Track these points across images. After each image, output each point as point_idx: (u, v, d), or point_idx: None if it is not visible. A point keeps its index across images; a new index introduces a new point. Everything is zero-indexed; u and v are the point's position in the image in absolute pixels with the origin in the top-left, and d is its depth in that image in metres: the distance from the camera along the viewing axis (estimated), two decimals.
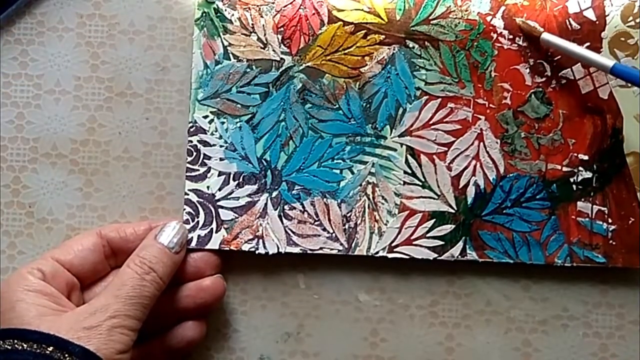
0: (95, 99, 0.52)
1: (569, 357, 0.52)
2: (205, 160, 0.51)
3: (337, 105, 0.51)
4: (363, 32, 0.51)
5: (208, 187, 0.51)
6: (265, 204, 0.51)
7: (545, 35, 0.50)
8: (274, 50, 0.52)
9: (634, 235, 0.50)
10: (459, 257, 0.51)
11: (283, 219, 0.51)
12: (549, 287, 0.52)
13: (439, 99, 0.51)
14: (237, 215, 0.51)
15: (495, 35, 0.51)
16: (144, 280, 0.44)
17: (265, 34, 0.51)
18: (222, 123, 0.51)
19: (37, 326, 0.41)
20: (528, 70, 0.51)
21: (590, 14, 0.51)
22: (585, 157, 0.51)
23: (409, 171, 0.51)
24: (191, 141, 0.51)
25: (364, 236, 0.51)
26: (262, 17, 0.51)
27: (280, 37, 0.51)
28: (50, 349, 0.40)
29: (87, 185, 0.52)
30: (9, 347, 0.39)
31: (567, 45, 0.49)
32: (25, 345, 0.40)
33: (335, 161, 0.51)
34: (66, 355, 0.39)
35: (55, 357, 0.39)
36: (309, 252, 0.51)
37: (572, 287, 0.52)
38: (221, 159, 0.51)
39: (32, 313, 0.42)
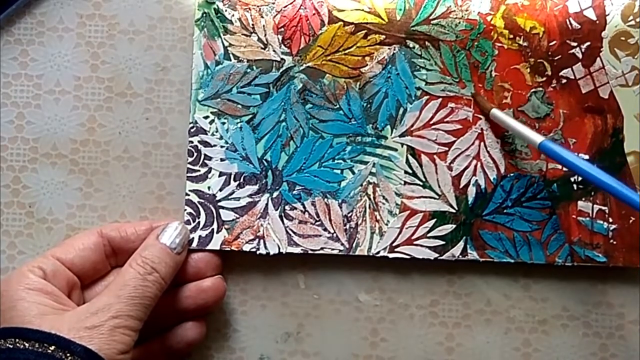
0: (95, 99, 0.52)
1: (569, 357, 0.52)
2: (206, 161, 0.51)
3: (337, 106, 0.51)
4: (363, 32, 0.51)
5: (209, 188, 0.51)
6: (266, 205, 0.51)
7: (495, 112, 0.50)
8: (274, 51, 0.51)
9: (635, 235, 0.50)
10: (460, 256, 0.51)
11: (284, 219, 0.51)
12: (549, 287, 0.52)
13: (440, 99, 0.51)
14: (238, 216, 0.51)
15: (495, 35, 0.51)
16: (146, 280, 0.44)
17: (265, 35, 0.51)
18: (223, 123, 0.51)
19: (38, 325, 0.41)
20: (528, 70, 0.51)
21: (591, 14, 0.51)
22: (586, 157, 0.51)
23: (410, 171, 0.51)
24: (192, 142, 0.51)
25: (364, 236, 0.51)
26: (262, 17, 0.51)
27: (280, 37, 0.51)
28: (52, 348, 0.39)
29: (87, 185, 0.52)
30: (10, 346, 0.39)
31: (511, 122, 0.49)
32: (26, 345, 0.39)
33: (336, 161, 0.51)
34: (68, 354, 0.39)
35: (57, 357, 0.39)
36: (309, 252, 0.51)
37: (572, 286, 0.52)
38: (222, 160, 0.51)
39: (33, 312, 0.42)
